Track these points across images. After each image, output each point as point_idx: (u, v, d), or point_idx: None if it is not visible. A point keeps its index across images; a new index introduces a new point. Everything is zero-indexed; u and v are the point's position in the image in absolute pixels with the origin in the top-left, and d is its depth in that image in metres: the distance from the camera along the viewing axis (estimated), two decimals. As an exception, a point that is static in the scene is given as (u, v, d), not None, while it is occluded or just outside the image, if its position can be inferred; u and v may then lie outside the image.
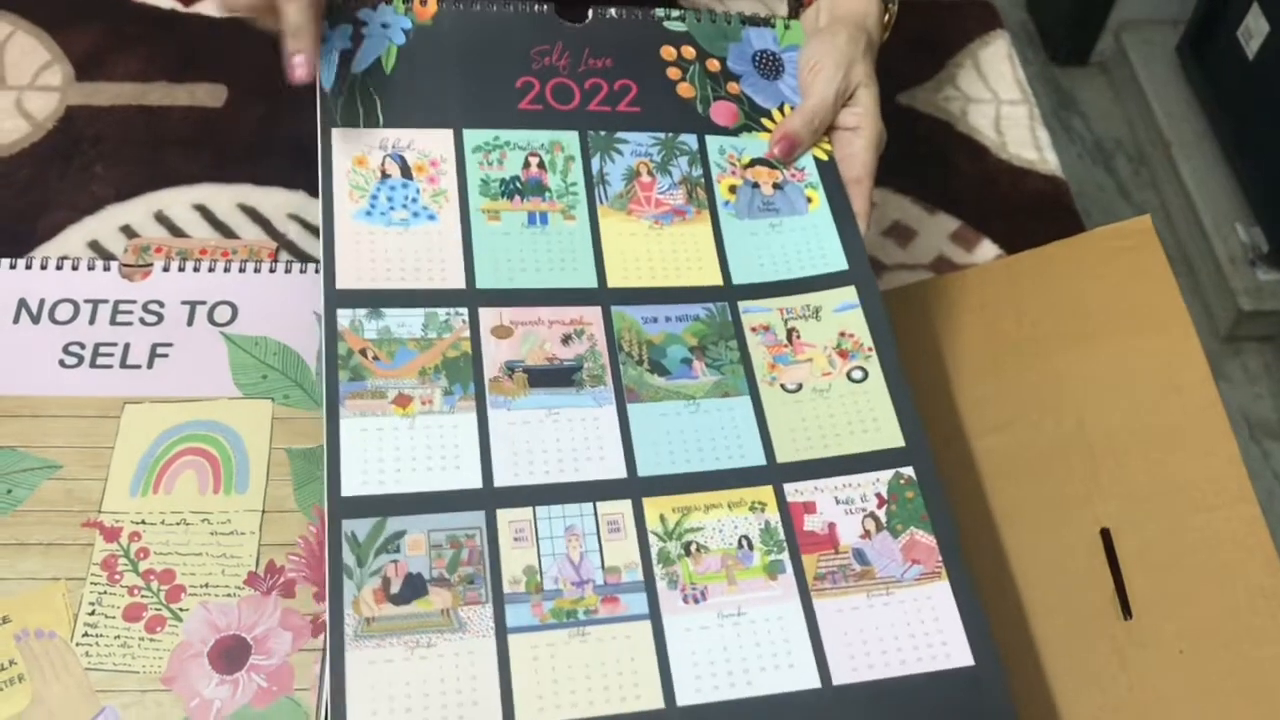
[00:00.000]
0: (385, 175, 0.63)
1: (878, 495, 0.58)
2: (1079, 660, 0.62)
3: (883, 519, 0.57)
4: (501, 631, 0.53)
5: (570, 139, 0.66)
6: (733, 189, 0.66)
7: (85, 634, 0.63)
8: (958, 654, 0.55)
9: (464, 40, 0.67)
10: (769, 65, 0.70)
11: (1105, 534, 0.65)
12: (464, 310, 0.60)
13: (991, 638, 0.55)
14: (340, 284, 0.60)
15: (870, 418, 0.60)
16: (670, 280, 0.63)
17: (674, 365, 0.60)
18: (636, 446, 0.58)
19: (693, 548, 0.56)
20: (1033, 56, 2.18)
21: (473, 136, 0.65)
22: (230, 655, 0.63)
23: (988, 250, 0.83)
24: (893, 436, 0.59)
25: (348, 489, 0.55)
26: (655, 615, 0.54)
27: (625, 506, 0.56)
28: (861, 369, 0.61)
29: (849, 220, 0.65)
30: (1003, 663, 0.55)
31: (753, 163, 0.67)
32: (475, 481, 0.56)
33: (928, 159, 0.89)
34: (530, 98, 0.66)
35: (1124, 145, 2.07)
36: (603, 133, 0.66)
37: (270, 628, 0.64)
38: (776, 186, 0.67)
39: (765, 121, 0.69)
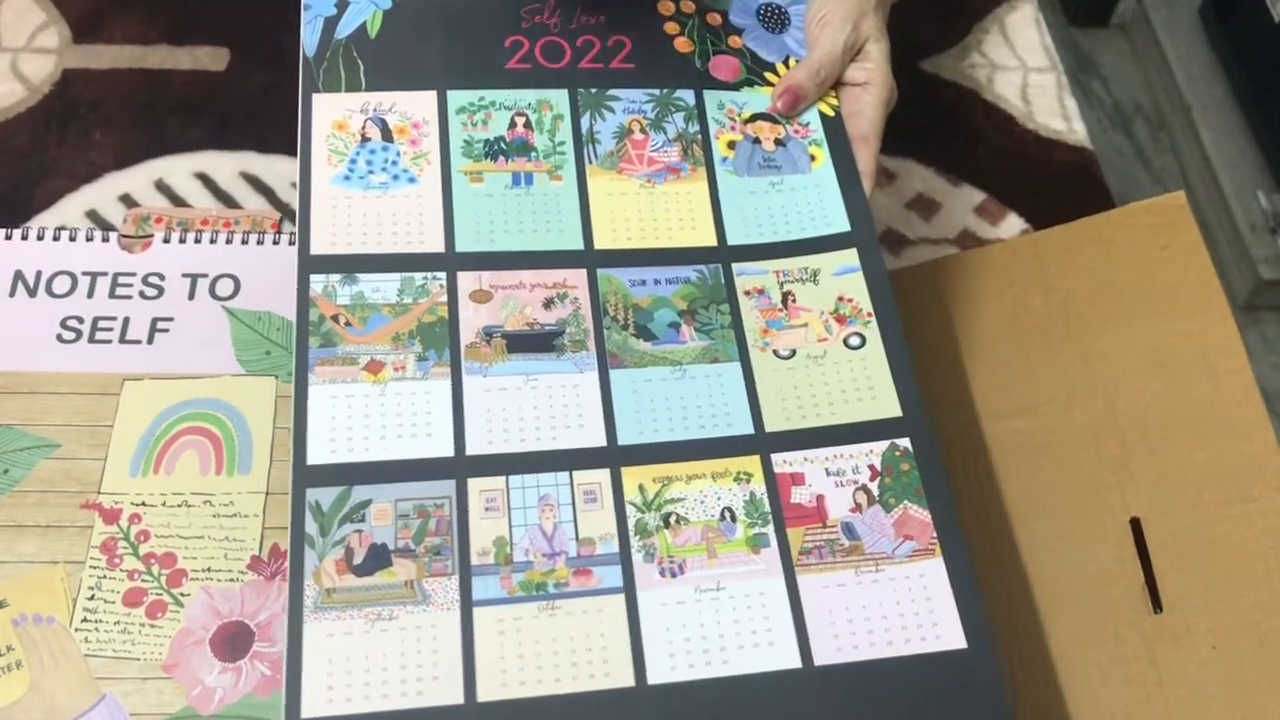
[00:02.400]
0: (365, 139, 0.61)
1: (870, 467, 0.55)
2: (1106, 654, 0.61)
3: (875, 492, 0.54)
4: (467, 604, 0.51)
5: (559, 97, 0.63)
6: (732, 145, 0.64)
7: (84, 619, 0.61)
8: (950, 636, 0.51)
9: (451, 2, 0.65)
10: (774, 18, 0.68)
11: (1135, 523, 0.63)
12: (441, 274, 0.58)
13: (986, 620, 0.52)
14: (314, 249, 0.58)
15: (866, 386, 0.57)
16: (661, 241, 0.60)
17: (661, 330, 0.58)
18: (618, 414, 0.55)
19: (672, 519, 0.53)
20: (1052, 18, 2.13)
21: (457, 97, 0.63)
22: (233, 642, 0.61)
23: (1014, 224, 0.81)
24: (889, 406, 0.56)
25: (313, 457, 0.53)
26: (629, 589, 0.52)
27: (603, 476, 0.54)
28: (859, 335, 0.58)
29: (854, 180, 0.63)
30: (997, 647, 0.52)
31: (754, 117, 0.65)
32: (447, 450, 0.54)
33: (952, 129, 0.86)
34: (519, 57, 0.64)
35: (1144, 109, 2.04)
36: (593, 90, 0.64)
37: (274, 614, 0.62)
38: (779, 143, 0.64)
39: (768, 75, 0.66)
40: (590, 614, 0.51)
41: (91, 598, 0.62)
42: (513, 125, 0.62)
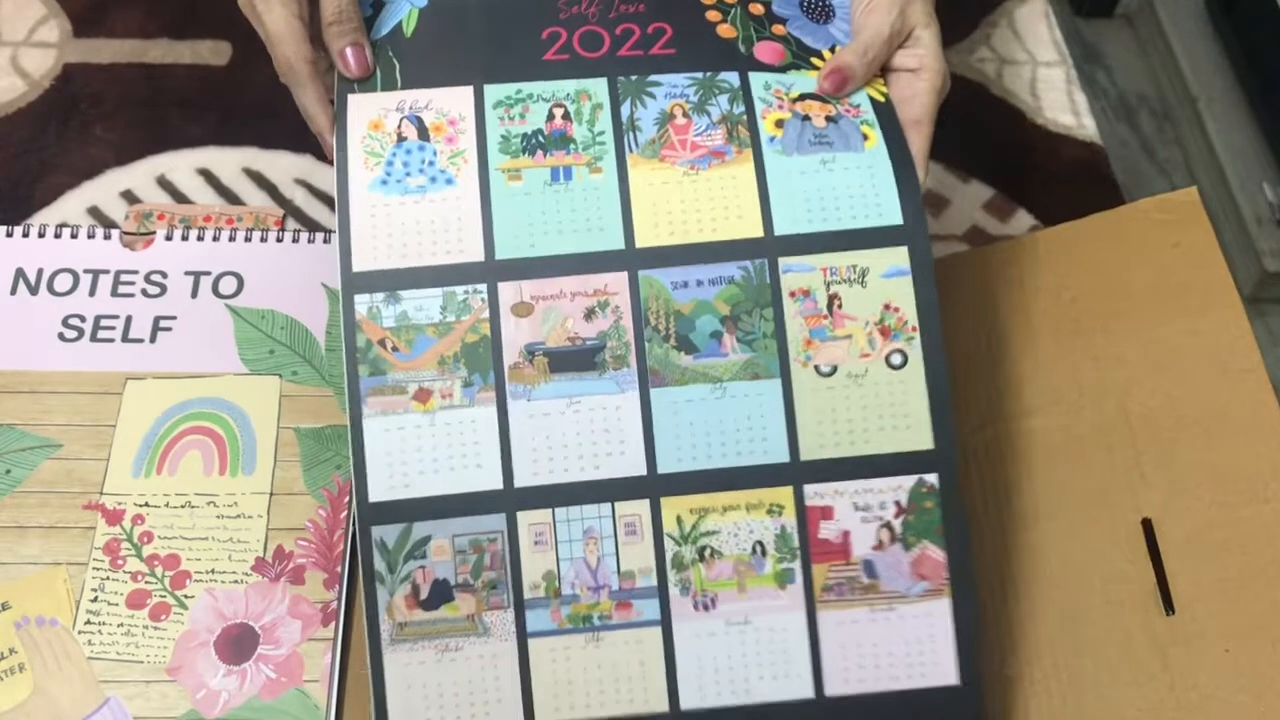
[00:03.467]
0: (401, 138, 0.60)
1: (896, 503, 0.56)
2: (1117, 657, 0.60)
3: (898, 530, 0.56)
4: (522, 635, 0.55)
5: (599, 86, 0.61)
6: (780, 124, 0.61)
7: (88, 621, 0.61)
8: (945, 672, 0.55)
9: None
10: (818, 8, 0.65)
11: (1147, 524, 0.63)
12: (483, 287, 0.57)
13: (980, 658, 0.56)
14: (357, 266, 0.57)
15: (903, 413, 0.57)
16: (705, 234, 0.58)
17: (702, 341, 0.57)
18: (658, 439, 0.56)
19: (707, 553, 0.56)
20: (1056, 9, 2.12)
21: (494, 92, 0.61)
22: (238, 645, 0.61)
23: (1023, 221, 0.80)
24: (922, 437, 0.57)
25: (374, 494, 0.55)
26: (666, 621, 0.56)
27: (643, 507, 0.56)
28: (902, 353, 0.57)
29: (908, 165, 0.60)
30: (984, 685, 0.56)
31: (802, 96, 0.62)
32: (496, 482, 0.56)
33: (961, 123, 0.85)
34: (557, 48, 0.62)
35: (1149, 100, 2.03)
36: (634, 77, 0.62)
37: (279, 616, 0.62)
38: (830, 120, 0.61)
39: (815, 60, 0.63)
40: (631, 645, 0.55)
41: (95, 600, 0.61)
42: (551, 117, 0.60)
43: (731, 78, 0.62)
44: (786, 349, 0.58)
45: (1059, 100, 0.87)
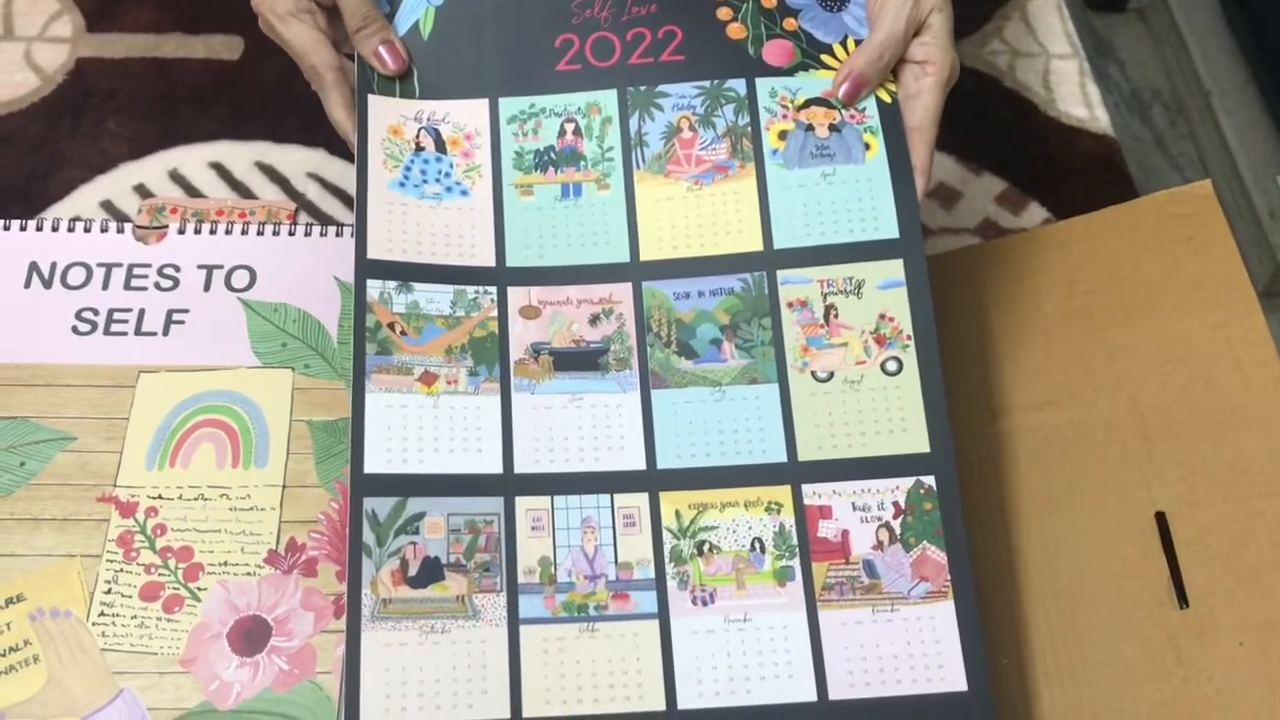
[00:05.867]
0: (419, 148, 0.61)
1: (895, 504, 0.56)
2: (1131, 652, 0.60)
3: (897, 530, 0.56)
4: (514, 622, 0.53)
5: (608, 99, 0.62)
6: (783, 135, 0.62)
7: (101, 613, 0.61)
8: (953, 678, 0.54)
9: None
10: None
11: (1161, 518, 0.62)
12: (493, 289, 0.59)
13: (986, 663, 0.54)
14: (371, 254, 0.58)
15: (899, 417, 0.57)
16: (707, 248, 0.60)
17: (702, 347, 0.59)
18: (658, 437, 0.57)
19: (705, 547, 0.56)
20: (1069, 2, 2.11)
21: (508, 106, 0.62)
22: (250, 637, 0.61)
23: (1036, 214, 0.80)
24: (919, 440, 0.57)
25: (370, 466, 0.55)
26: (664, 615, 0.54)
27: (642, 500, 0.56)
28: (897, 360, 0.58)
29: (907, 178, 0.60)
30: (992, 691, 0.54)
31: (807, 103, 0.62)
32: (496, 466, 0.56)
33: (973, 116, 0.85)
34: (569, 57, 0.63)
35: (1161, 95, 2.02)
36: (643, 88, 0.62)
37: (291, 608, 0.62)
38: (833, 128, 0.62)
39: (825, 58, 0.63)
40: (627, 638, 0.54)
41: (108, 591, 0.62)
42: (562, 133, 0.62)
43: (738, 85, 0.62)
44: (784, 355, 0.59)
45: (1072, 93, 0.86)
